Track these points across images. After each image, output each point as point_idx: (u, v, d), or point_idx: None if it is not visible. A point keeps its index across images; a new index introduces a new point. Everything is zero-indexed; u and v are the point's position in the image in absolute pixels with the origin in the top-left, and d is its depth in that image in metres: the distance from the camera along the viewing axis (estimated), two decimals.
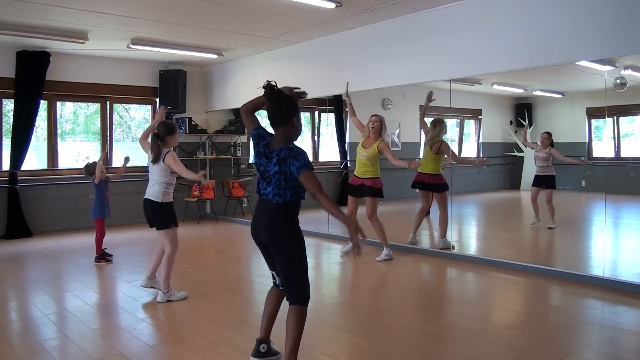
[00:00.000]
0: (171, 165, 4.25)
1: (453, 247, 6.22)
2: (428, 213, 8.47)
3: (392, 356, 3.19)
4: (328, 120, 10.52)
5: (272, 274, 2.97)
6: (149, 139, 4.47)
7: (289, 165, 2.68)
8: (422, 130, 6.65)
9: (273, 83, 2.80)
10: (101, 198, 5.88)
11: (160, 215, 4.32)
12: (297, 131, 2.84)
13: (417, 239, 6.52)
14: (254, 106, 2.99)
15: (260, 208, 2.85)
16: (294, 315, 2.76)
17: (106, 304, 4.46)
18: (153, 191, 4.31)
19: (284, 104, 2.78)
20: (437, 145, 6.22)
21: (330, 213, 2.70)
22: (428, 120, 6.59)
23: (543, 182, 7.47)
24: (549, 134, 7.59)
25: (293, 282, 2.78)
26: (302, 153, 2.72)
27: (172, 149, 4.36)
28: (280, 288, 2.95)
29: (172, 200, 4.38)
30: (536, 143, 7.73)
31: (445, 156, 6.30)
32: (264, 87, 2.80)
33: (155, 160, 4.28)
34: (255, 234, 2.87)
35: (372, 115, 5.93)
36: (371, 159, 5.80)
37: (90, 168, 5.94)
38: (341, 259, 6.09)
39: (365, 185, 5.82)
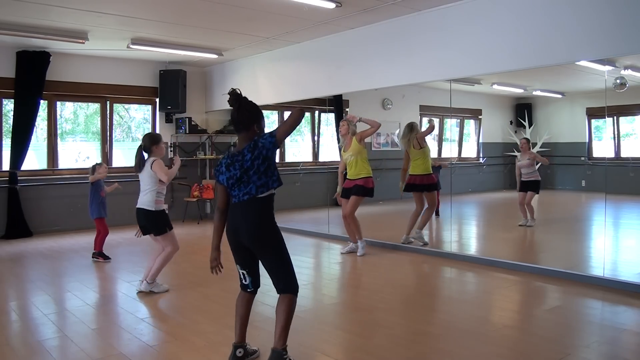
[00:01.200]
0: (157, 173, 4.39)
1: (426, 244, 6.31)
2: (437, 214, 8.47)
3: (391, 356, 3.19)
4: (328, 120, 10.51)
5: (243, 274, 2.98)
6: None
7: (260, 147, 2.79)
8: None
9: (238, 91, 2.89)
10: (96, 198, 5.91)
11: (155, 223, 4.49)
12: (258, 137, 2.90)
13: (411, 240, 6.53)
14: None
15: (239, 211, 2.86)
16: (285, 303, 2.84)
17: (106, 304, 4.46)
18: (145, 200, 4.47)
19: (246, 111, 2.88)
20: (415, 141, 6.35)
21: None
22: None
23: (529, 187, 7.58)
24: (527, 140, 7.79)
25: (283, 273, 2.87)
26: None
27: (158, 158, 4.51)
28: (249, 290, 3.01)
29: (164, 208, 4.56)
30: (516, 155, 7.87)
31: (433, 155, 6.44)
32: (228, 93, 2.89)
33: (137, 168, 4.49)
34: (235, 238, 2.90)
35: (341, 121, 6.24)
36: (358, 154, 5.98)
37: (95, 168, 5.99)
38: (341, 259, 6.09)
39: (357, 185, 5.93)
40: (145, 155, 4.54)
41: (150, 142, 4.52)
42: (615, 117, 9.43)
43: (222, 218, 2.95)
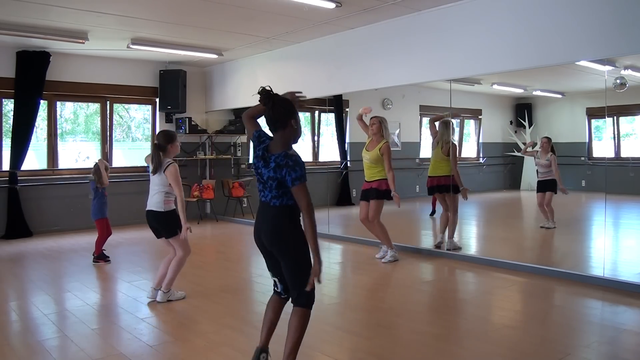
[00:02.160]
0: (171, 182, 4.21)
1: (460, 248, 6.20)
2: (433, 213, 8.45)
3: (392, 356, 3.19)
4: (328, 120, 10.51)
5: (275, 281, 2.93)
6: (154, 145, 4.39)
7: (285, 173, 2.66)
8: (431, 133, 6.55)
9: (268, 88, 2.80)
10: (102, 198, 5.91)
11: (166, 225, 4.31)
12: (296, 133, 2.82)
13: (443, 241, 6.33)
14: (254, 113, 2.98)
15: (260, 212, 2.85)
16: (297, 317, 2.76)
17: (106, 304, 4.46)
18: (154, 201, 4.29)
19: (281, 107, 2.77)
20: (447, 147, 6.19)
21: (308, 238, 2.70)
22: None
23: (546, 186, 7.49)
24: (549, 139, 7.59)
25: (297, 285, 2.77)
26: (301, 164, 2.69)
27: (173, 160, 4.31)
28: (283, 296, 2.93)
29: (174, 207, 4.36)
30: (536, 150, 7.74)
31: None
32: (259, 92, 2.79)
33: (155, 170, 4.25)
34: (259, 239, 2.85)
35: (372, 118, 5.89)
36: (374, 162, 5.76)
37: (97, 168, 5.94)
38: (341, 259, 6.08)
39: (372, 188, 5.79)
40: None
41: (165, 140, 4.28)
42: (615, 117, 9.43)
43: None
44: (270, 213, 2.77)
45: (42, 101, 7.89)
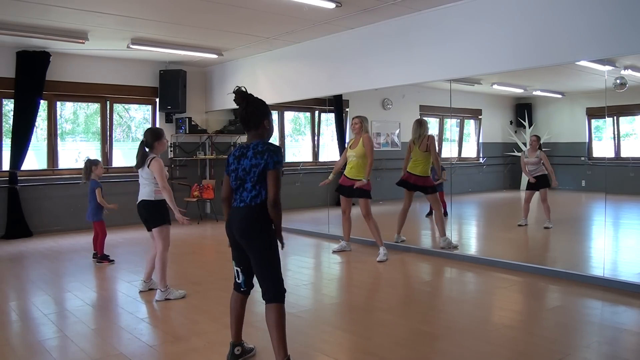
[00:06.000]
0: (154, 173, 4.32)
1: (456, 247, 6.20)
2: (430, 213, 8.48)
3: (392, 356, 3.19)
4: (328, 120, 10.52)
5: (237, 271, 2.99)
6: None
7: (266, 158, 2.75)
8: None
9: (243, 88, 2.85)
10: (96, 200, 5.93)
11: (154, 213, 4.40)
12: (269, 133, 2.91)
13: (403, 238, 6.57)
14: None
15: (235, 210, 2.89)
16: (272, 314, 2.80)
17: (106, 304, 4.46)
18: (145, 192, 4.42)
19: (254, 108, 2.85)
20: (425, 141, 6.25)
21: (276, 226, 2.80)
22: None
23: (538, 183, 7.47)
24: (538, 137, 7.63)
25: (267, 279, 2.82)
26: (280, 149, 2.82)
27: (158, 155, 4.43)
28: (243, 289, 3.03)
29: (164, 198, 4.44)
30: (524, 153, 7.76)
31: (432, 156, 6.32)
32: (233, 92, 2.85)
33: (139, 165, 4.39)
34: (230, 231, 2.91)
35: (353, 118, 6.12)
36: (361, 158, 5.92)
37: (91, 163, 5.98)
38: (340, 259, 6.09)
39: (352, 186, 5.89)
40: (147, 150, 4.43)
41: (153, 137, 4.39)
42: (615, 117, 9.44)
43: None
44: (245, 208, 2.82)
45: (42, 101, 7.90)
